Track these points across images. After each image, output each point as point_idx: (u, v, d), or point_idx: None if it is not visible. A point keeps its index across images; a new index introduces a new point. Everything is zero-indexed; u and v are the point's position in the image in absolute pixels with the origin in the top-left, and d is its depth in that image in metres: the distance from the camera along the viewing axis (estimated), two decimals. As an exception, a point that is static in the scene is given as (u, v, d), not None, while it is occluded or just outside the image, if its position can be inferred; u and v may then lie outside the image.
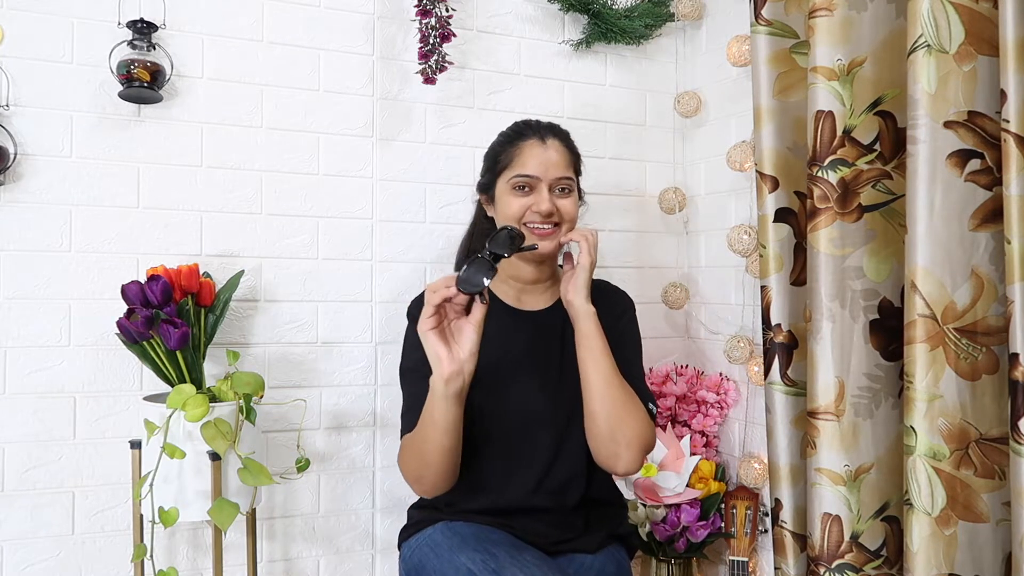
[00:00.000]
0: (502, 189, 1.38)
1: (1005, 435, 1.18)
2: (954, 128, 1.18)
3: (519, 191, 1.35)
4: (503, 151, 1.40)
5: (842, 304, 1.33)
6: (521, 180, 1.35)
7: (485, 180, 1.44)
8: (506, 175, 1.37)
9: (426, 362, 1.26)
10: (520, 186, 1.35)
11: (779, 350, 1.45)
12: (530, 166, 1.35)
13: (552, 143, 1.38)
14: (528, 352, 1.38)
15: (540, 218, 1.34)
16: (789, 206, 1.46)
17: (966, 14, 1.17)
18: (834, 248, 1.32)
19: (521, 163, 1.36)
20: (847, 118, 1.32)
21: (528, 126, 1.42)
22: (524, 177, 1.35)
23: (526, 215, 1.35)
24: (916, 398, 1.18)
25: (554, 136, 1.39)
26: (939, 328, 1.18)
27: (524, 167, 1.35)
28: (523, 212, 1.35)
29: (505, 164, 1.38)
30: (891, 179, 1.34)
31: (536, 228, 1.35)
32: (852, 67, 1.32)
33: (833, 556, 1.32)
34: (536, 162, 1.35)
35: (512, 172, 1.36)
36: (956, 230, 1.18)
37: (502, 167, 1.39)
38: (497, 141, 1.44)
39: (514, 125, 1.45)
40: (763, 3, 1.46)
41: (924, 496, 1.19)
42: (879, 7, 1.33)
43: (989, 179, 1.18)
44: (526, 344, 1.38)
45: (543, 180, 1.35)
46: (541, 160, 1.35)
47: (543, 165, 1.35)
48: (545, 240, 1.35)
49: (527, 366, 1.37)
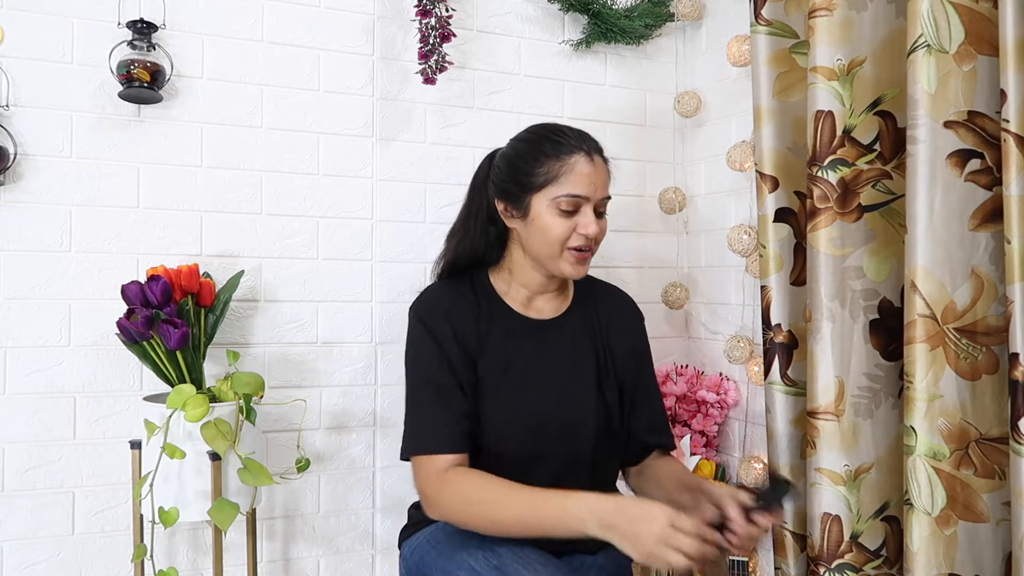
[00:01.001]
0: (543, 207, 1.26)
1: (1005, 435, 1.18)
2: (954, 128, 1.18)
3: (564, 212, 1.25)
4: (544, 164, 1.26)
5: (842, 304, 1.33)
6: (571, 201, 1.24)
7: (512, 189, 1.29)
8: (550, 192, 1.25)
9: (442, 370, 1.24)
10: (566, 207, 1.25)
11: (779, 350, 1.45)
12: (581, 185, 1.24)
13: (598, 160, 1.28)
14: (536, 360, 1.32)
15: (586, 241, 1.26)
16: (789, 206, 1.46)
17: (966, 14, 1.17)
18: (834, 248, 1.32)
19: (571, 182, 1.24)
20: (847, 118, 1.32)
21: (567, 136, 1.29)
22: (575, 198, 1.24)
23: (571, 238, 1.26)
24: (916, 398, 1.18)
25: (599, 152, 1.29)
26: (939, 328, 1.18)
27: (574, 186, 1.24)
28: (568, 235, 1.26)
29: (549, 179, 1.25)
30: (891, 179, 1.34)
31: (577, 252, 1.27)
32: (852, 67, 1.32)
33: (833, 556, 1.32)
34: (587, 181, 1.25)
35: (560, 191, 1.24)
36: (956, 230, 1.18)
37: (544, 182, 1.25)
38: (527, 149, 1.30)
39: (545, 130, 1.31)
40: (763, 3, 1.46)
41: (924, 496, 1.19)
42: (879, 7, 1.33)
43: (989, 179, 1.18)
44: (534, 352, 1.32)
45: (591, 200, 1.26)
46: (591, 179, 1.25)
47: (592, 185, 1.25)
48: (581, 266, 1.29)
49: (535, 374, 1.31)
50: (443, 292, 1.35)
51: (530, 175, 1.27)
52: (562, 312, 1.37)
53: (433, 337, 1.28)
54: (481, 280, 1.37)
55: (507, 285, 1.36)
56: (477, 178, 1.39)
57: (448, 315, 1.29)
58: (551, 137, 1.28)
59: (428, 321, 1.29)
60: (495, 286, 1.37)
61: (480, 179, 1.38)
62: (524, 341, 1.33)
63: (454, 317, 1.29)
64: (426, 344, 1.28)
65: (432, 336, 1.28)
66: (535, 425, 1.28)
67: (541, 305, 1.37)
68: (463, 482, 1.19)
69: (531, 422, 1.28)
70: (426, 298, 1.34)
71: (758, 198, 1.48)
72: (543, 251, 1.28)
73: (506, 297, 1.36)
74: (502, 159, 1.34)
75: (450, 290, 1.35)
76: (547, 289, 1.36)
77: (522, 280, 1.35)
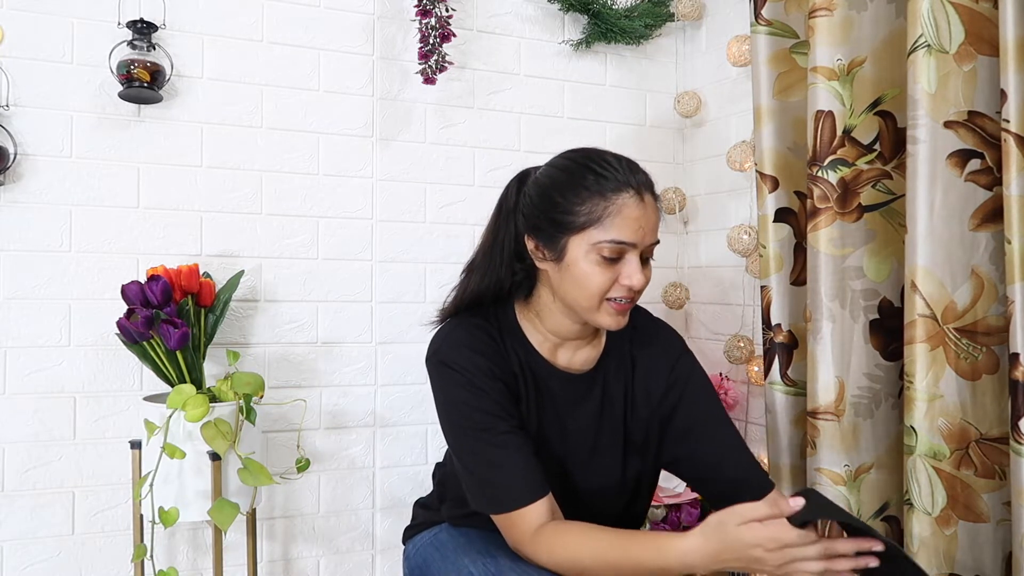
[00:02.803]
0: (581, 252, 1.08)
1: (1005, 435, 1.18)
2: (954, 128, 1.18)
3: (606, 260, 1.07)
4: (587, 201, 1.07)
5: (842, 304, 1.33)
6: (616, 248, 1.07)
7: (545, 226, 1.11)
8: (591, 236, 1.07)
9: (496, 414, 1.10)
10: (609, 255, 1.07)
11: (779, 350, 1.45)
12: (628, 231, 1.06)
13: (648, 199, 1.09)
14: (564, 420, 1.19)
15: (629, 292, 1.09)
16: (789, 206, 1.46)
17: (966, 14, 1.17)
18: (834, 248, 1.32)
19: (616, 226, 1.06)
20: (847, 118, 1.32)
21: (612, 167, 1.09)
22: (620, 244, 1.07)
23: (613, 289, 1.09)
24: (916, 398, 1.18)
25: (649, 191, 1.10)
26: (939, 328, 1.18)
27: (621, 232, 1.06)
28: (610, 286, 1.09)
29: (591, 221, 1.07)
30: (891, 179, 1.34)
31: (618, 303, 1.10)
32: (852, 67, 1.32)
33: (833, 556, 1.32)
34: (636, 226, 1.07)
35: (604, 236, 1.06)
36: (956, 230, 1.18)
37: (585, 223, 1.07)
38: (568, 180, 1.10)
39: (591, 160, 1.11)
40: (763, 3, 1.46)
41: (924, 496, 1.19)
42: (879, 7, 1.33)
43: (989, 179, 1.18)
44: (562, 411, 1.19)
45: (639, 247, 1.08)
46: (641, 224, 1.07)
47: (642, 230, 1.07)
48: (622, 317, 1.12)
49: (561, 437, 1.19)
50: (463, 332, 1.16)
51: (568, 213, 1.08)
52: (593, 365, 1.22)
53: (469, 381, 1.11)
54: (505, 316, 1.20)
55: (532, 327, 1.20)
56: (504, 204, 1.20)
57: (479, 352, 1.13)
58: (595, 169, 1.09)
59: (458, 365, 1.12)
60: (521, 325, 1.20)
61: (508, 206, 1.18)
62: (552, 396, 1.19)
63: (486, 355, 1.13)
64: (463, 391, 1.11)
65: (468, 380, 1.11)
66: (558, 490, 1.15)
67: (570, 355, 1.21)
68: (563, 542, 1.06)
69: (554, 485, 1.13)
70: (445, 341, 1.16)
71: (758, 198, 1.48)
72: (578, 302, 1.11)
73: (532, 339, 1.19)
74: (535, 187, 1.14)
75: (469, 327, 1.17)
76: (579, 336, 1.19)
77: (551, 326, 1.18)
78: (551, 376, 1.19)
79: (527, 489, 1.08)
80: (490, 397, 1.11)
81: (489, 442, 1.09)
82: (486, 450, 1.10)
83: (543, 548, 1.07)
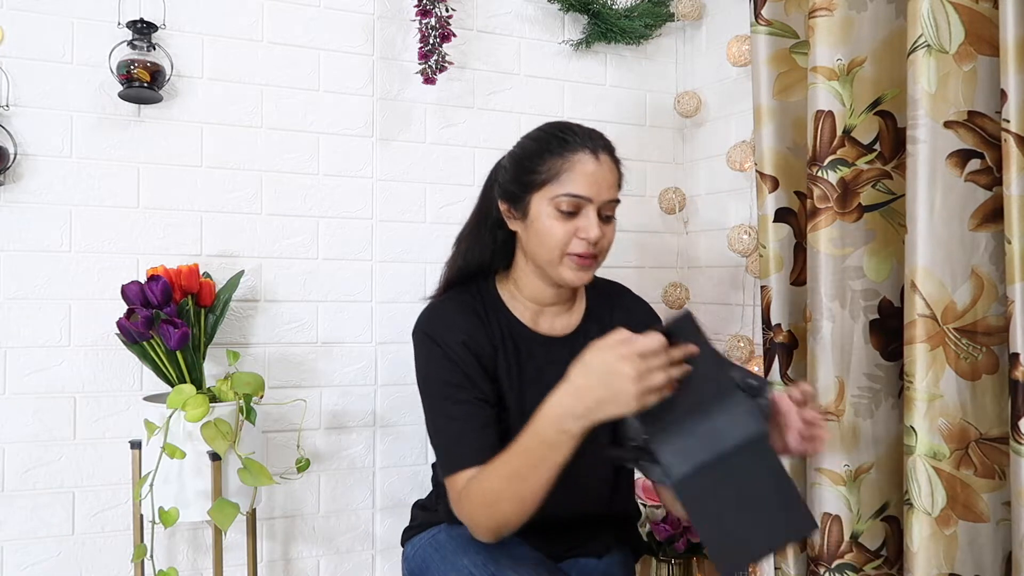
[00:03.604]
0: (541, 208, 1.18)
1: (1005, 435, 1.18)
2: (954, 128, 1.18)
3: (564, 214, 1.16)
4: (544, 160, 1.18)
5: (842, 304, 1.33)
6: (569, 201, 1.16)
7: (514, 189, 1.22)
8: (549, 191, 1.17)
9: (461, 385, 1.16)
10: (567, 208, 1.16)
11: (779, 350, 1.45)
12: (581, 184, 1.15)
13: (604, 158, 1.18)
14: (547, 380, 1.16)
15: (587, 246, 1.17)
16: (789, 206, 1.46)
17: (966, 14, 1.17)
18: (834, 248, 1.32)
19: (571, 180, 1.16)
20: (847, 118, 1.32)
21: (574, 132, 1.20)
22: (573, 197, 1.16)
23: (572, 243, 1.17)
24: (916, 398, 1.18)
25: (604, 149, 1.20)
26: (939, 328, 1.18)
27: (574, 185, 1.15)
28: (569, 239, 1.17)
29: (548, 178, 1.17)
30: (891, 179, 1.34)
31: (578, 257, 1.18)
32: (852, 67, 1.32)
33: (833, 556, 1.32)
34: (588, 180, 1.16)
35: (559, 190, 1.16)
36: (956, 230, 1.18)
37: (543, 180, 1.17)
38: (532, 146, 1.22)
39: (553, 127, 1.23)
40: (763, 3, 1.46)
41: (924, 496, 1.19)
42: (879, 7, 1.33)
43: (989, 179, 1.18)
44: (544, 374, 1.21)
45: (594, 202, 1.16)
46: (595, 179, 1.16)
47: (595, 184, 1.16)
48: (584, 272, 1.19)
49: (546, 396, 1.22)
50: (447, 307, 1.26)
51: (532, 172, 1.19)
52: (573, 328, 1.29)
53: (445, 355, 1.19)
54: (488, 290, 1.29)
55: (512, 296, 1.28)
56: (488, 181, 1.32)
57: (458, 329, 1.21)
58: (557, 134, 1.20)
59: (436, 337, 1.21)
60: (502, 297, 1.29)
61: (489, 181, 1.31)
62: (534, 360, 1.25)
63: (464, 330, 1.21)
64: (438, 362, 1.20)
65: (444, 355, 1.19)
66: None
67: (550, 320, 1.28)
68: (475, 483, 1.11)
69: None
70: (430, 315, 1.26)
71: (758, 198, 1.48)
72: (542, 256, 1.20)
73: (514, 309, 1.27)
74: (508, 158, 1.27)
75: (454, 304, 1.26)
76: (556, 301, 1.27)
77: (528, 292, 1.27)
78: (532, 341, 1.24)
79: (467, 455, 1.13)
80: (460, 369, 1.18)
81: (447, 410, 1.17)
82: (444, 416, 1.18)
83: (465, 501, 1.12)
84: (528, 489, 1.05)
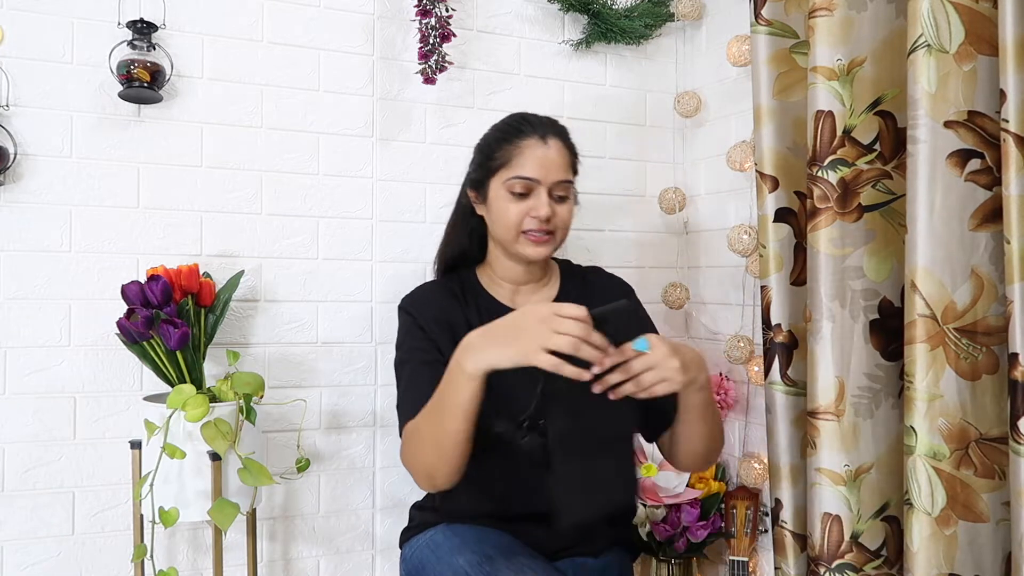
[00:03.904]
0: (497, 191, 1.31)
1: (1005, 435, 1.18)
2: (954, 128, 1.18)
3: (516, 195, 1.29)
4: (499, 147, 1.31)
5: (842, 304, 1.33)
6: (519, 183, 1.28)
7: (477, 176, 1.36)
8: (502, 175, 1.30)
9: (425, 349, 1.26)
10: (518, 191, 1.28)
11: (779, 350, 1.45)
12: (529, 167, 1.28)
13: (553, 142, 1.30)
14: None
15: (539, 224, 1.28)
16: (789, 206, 1.46)
17: (966, 14, 1.17)
18: (834, 248, 1.32)
19: (519, 164, 1.28)
20: (847, 118, 1.32)
21: (526, 121, 1.33)
22: (522, 180, 1.28)
23: (524, 222, 1.29)
24: (916, 398, 1.18)
25: (555, 134, 1.31)
26: (939, 328, 1.18)
27: (523, 168, 1.28)
28: (521, 219, 1.28)
29: (501, 163, 1.30)
30: (891, 179, 1.34)
31: (533, 234, 1.29)
32: (852, 67, 1.32)
33: (833, 556, 1.32)
34: (536, 163, 1.28)
35: (509, 173, 1.29)
36: (956, 230, 1.18)
37: (498, 165, 1.30)
38: (492, 135, 1.36)
39: (511, 118, 1.36)
40: (763, 3, 1.46)
41: (924, 496, 1.19)
42: (879, 7, 1.33)
43: (989, 179, 1.18)
44: None
45: (543, 183, 1.28)
46: (541, 161, 1.28)
47: (543, 167, 1.28)
48: (540, 247, 1.30)
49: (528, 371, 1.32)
50: (426, 287, 1.41)
51: (489, 160, 1.32)
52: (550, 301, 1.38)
53: (416, 323, 1.31)
54: (468, 277, 1.41)
55: (491, 280, 1.40)
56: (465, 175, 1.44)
57: (432, 304, 1.33)
58: (512, 124, 1.33)
59: (412, 310, 1.33)
60: (481, 282, 1.40)
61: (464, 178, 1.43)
62: None
63: (438, 305, 1.33)
64: (410, 330, 1.32)
65: (416, 323, 1.31)
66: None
67: (526, 298, 1.38)
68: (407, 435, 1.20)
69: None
70: (410, 294, 1.39)
71: (758, 198, 1.48)
72: (501, 235, 1.32)
73: (493, 292, 1.38)
74: (475, 149, 1.39)
75: (435, 285, 1.41)
76: (529, 279, 1.38)
77: (501, 273, 1.38)
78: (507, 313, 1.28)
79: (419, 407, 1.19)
80: (429, 338, 1.28)
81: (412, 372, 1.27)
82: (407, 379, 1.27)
83: (403, 446, 1.22)
84: (443, 433, 1.10)
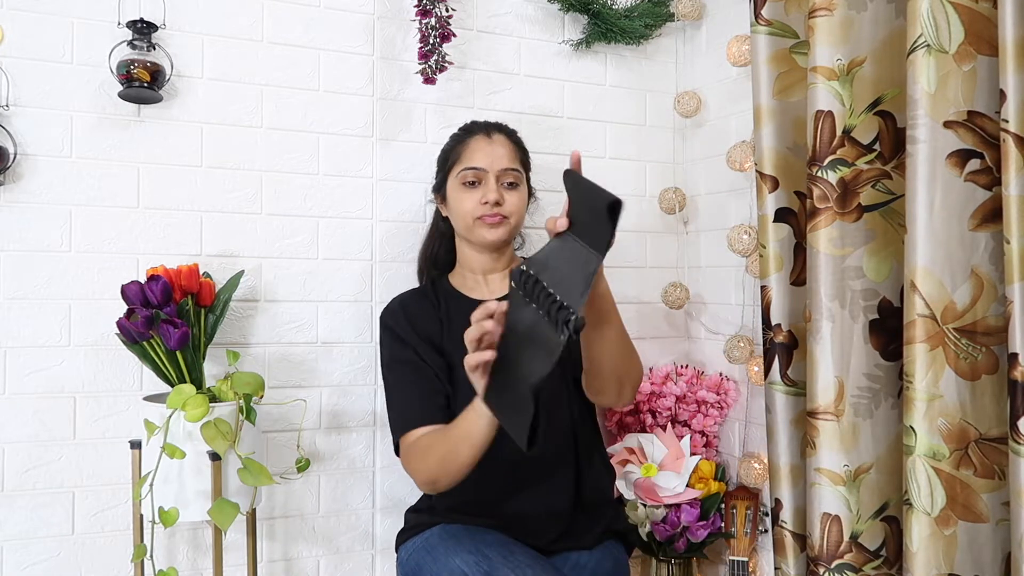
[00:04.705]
0: (452, 186, 1.44)
1: (1005, 435, 1.18)
2: (954, 128, 1.18)
3: (468, 186, 1.42)
4: (452, 150, 1.47)
5: (842, 304, 1.33)
6: (469, 173, 1.42)
7: (438, 180, 1.51)
8: (455, 171, 1.44)
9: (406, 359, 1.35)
10: (469, 180, 1.42)
11: (779, 350, 1.45)
12: (476, 158, 1.42)
13: (498, 138, 1.45)
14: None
15: (490, 208, 1.39)
16: (789, 206, 1.46)
17: (966, 14, 1.17)
18: (834, 248, 1.32)
19: (468, 157, 1.43)
20: (847, 118, 1.32)
21: (475, 124, 1.50)
22: (472, 170, 1.41)
23: (477, 208, 1.40)
24: (916, 398, 1.18)
25: (500, 132, 1.47)
26: (939, 328, 1.18)
27: (471, 160, 1.42)
28: (475, 206, 1.41)
29: (454, 161, 1.45)
30: (891, 179, 1.34)
31: (487, 218, 1.40)
32: (852, 67, 1.32)
33: (833, 556, 1.32)
34: (482, 154, 1.42)
35: (460, 166, 1.43)
36: (956, 230, 1.18)
37: (451, 164, 1.45)
38: (447, 143, 1.51)
39: (463, 125, 1.52)
40: (763, 3, 1.46)
41: (924, 496, 1.19)
42: (879, 7, 1.33)
43: (989, 179, 1.18)
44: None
45: (490, 172, 1.41)
46: (487, 152, 1.42)
47: (489, 157, 1.42)
48: (495, 229, 1.41)
49: None
50: (401, 298, 1.50)
51: (444, 161, 1.49)
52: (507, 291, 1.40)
53: (396, 335, 1.41)
54: (440, 281, 1.53)
55: (462, 278, 1.50)
56: None
57: (406, 313, 1.43)
58: (463, 127, 1.51)
59: (390, 323, 1.43)
60: (452, 282, 1.51)
61: None
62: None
63: (412, 313, 1.43)
64: (391, 343, 1.41)
65: (395, 335, 1.41)
66: None
67: (495, 287, 1.47)
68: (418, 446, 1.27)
69: None
70: (388, 305, 1.49)
71: (758, 198, 1.48)
72: (461, 224, 1.44)
73: (463, 289, 1.48)
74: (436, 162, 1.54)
75: (409, 294, 1.51)
76: (494, 267, 1.48)
77: (469, 264, 1.49)
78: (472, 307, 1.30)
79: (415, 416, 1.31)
80: (409, 347, 1.38)
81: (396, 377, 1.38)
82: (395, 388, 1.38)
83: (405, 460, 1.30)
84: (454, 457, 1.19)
